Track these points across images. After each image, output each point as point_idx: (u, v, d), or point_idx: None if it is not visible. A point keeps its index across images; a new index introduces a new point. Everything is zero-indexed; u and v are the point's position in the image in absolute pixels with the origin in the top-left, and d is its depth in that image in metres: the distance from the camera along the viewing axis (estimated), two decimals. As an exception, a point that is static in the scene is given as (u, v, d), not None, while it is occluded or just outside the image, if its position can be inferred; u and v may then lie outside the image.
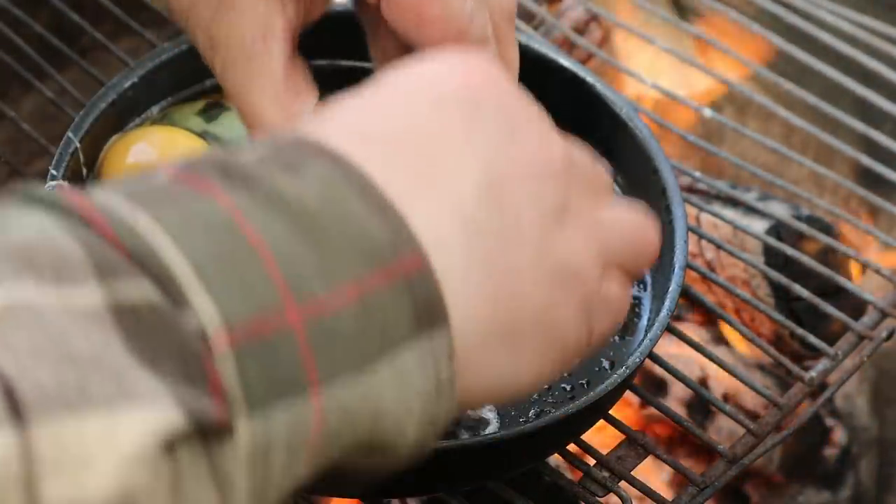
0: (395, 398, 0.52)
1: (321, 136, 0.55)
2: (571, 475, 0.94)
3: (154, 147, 0.94)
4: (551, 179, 0.60)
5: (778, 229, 1.20)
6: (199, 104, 0.97)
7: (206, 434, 0.46)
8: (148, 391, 0.45)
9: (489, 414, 0.90)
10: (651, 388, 1.27)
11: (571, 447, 0.92)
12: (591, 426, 0.92)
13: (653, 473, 1.22)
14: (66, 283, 0.46)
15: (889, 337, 1.03)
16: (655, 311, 0.94)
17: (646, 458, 0.93)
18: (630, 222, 0.65)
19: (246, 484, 0.48)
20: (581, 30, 1.31)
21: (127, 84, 0.96)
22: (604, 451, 0.92)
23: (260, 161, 0.53)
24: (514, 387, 0.59)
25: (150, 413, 0.45)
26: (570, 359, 0.61)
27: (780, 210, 1.24)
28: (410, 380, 0.53)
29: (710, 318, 1.31)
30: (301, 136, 0.55)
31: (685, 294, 0.98)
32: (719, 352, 1.30)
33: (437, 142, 0.57)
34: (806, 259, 1.08)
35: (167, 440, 0.45)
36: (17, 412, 0.43)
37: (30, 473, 0.42)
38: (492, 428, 0.89)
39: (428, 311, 0.53)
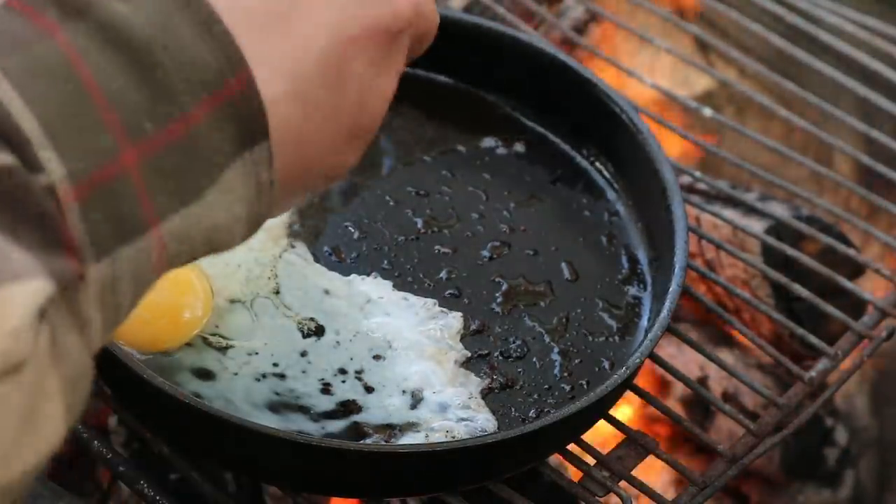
0: (224, 212, 0.58)
1: None
2: (571, 475, 0.94)
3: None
4: (394, 40, 0.65)
5: (778, 229, 1.20)
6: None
7: (66, 288, 0.50)
8: (20, 267, 0.48)
9: (488, 415, 0.90)
10: (651, 388, 1.27)
11: (571, 447, 0.92)
12: (591, 426, 0.92)
13: (653, 473, 1.22)
14: None
15: (889, 337, 1.03)
16: (655, 312, 0.94)
17: (646, 458, 0.93)
18: (431, 33, 0.71)
19: (99, 316, 0.53)
20: (581, 30, 1.31)
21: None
22: (604, 451, 0.92)
23: None
24: (329, 168, 0.65)
25: (24, 287, 0.48)
26: (373, 131, 0.67)
27: (780, 210, 1.24)
28: (235, 192, 0.58)
29: (710, 318, 1.31)
30: None
31: (685, 294, 0.98)
32: (719, 352, 1.30)
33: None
34: (806, 259, 1.08)
35: (41, 308, 0.49)
36: None
37: None
38: (491, 428, 0.89)
39: (250, 130, 0.58)
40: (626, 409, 1.25)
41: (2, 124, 0.50)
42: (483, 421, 0.89)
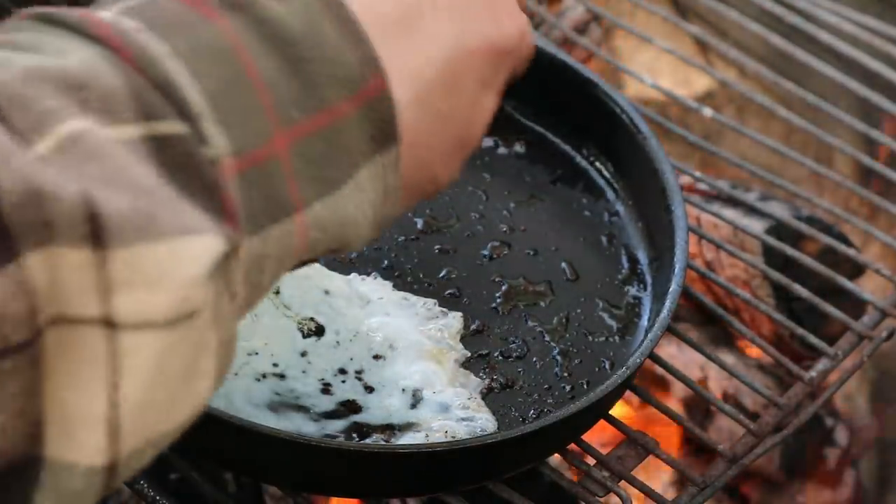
0: (355, 209, 0.61)
1: None
2: (571, 475, 0.94)
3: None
4: (502, 61, 0.70)
5: (778, 229, 1.20)
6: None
7: (227, 255, 0.53)
8: (197, 223, 0.51)
9: (488, 416, 0.90)
10: (651, 388, 1.27)
11: (571, 447, 0.92)
12: (591, 426, 0.92)
13: (653, 473, 1.22)
14: (114, 118, 0.51)
15: (889, 337, 1.03)
16: (656, 312, 0.94)
17: (646, 458, 0.93)
18: (528, 59, 0.75)
19: (244, 292, 0.56)
20: (581, 30, 1.31)
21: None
22: (604, 451, 0.92)
23: None
24: (439, 178, 0.69)
25: (202, 241, 0.51)
26: (475, 147, 0.72)
27: (780, 210, 1.24)
28: (366, 192, 0.62)
29: (710, 318, 1.31)
30: None
31: (685, 294, 0.98)
32: (719, 352, 1.30)
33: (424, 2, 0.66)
34: (806, 259, 1.08)
35: (214, 263, 0.52)
36: (99, 235, 0.48)
37: (106, 287, 0.49)
38: (491, 428, 0.89)
39: (383, 131, 0.61)
40: (626, 409, 1.25)
41: (173, 96, 0.54)
42: (483, 421, 0.89)
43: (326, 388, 0.89)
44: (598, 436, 0.96)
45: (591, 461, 0.92)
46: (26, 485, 0.50)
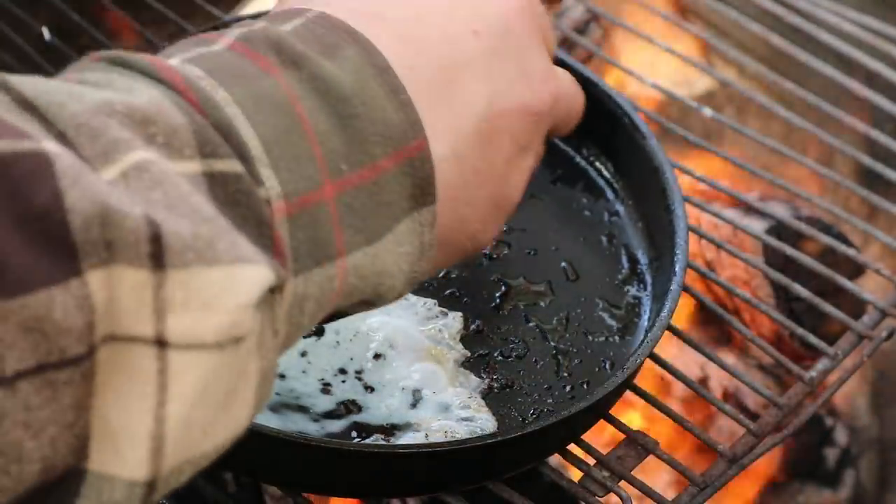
0: (393, 261, 0.64)
1: (354, 20, 0.65)
2: (571, 475, 0.94)
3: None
4: (536, 122, 0.73)
5: (778, 229, 1.20)
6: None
7: (273, 290, 0.56)
8: (249, 253, 0.54)
9: (488, 416, 0.90)
10: (651, 388, 1.27)
11: (571, 447, 0.92)
12: (592, 426, 0.92)
13: (653, 473, 1.22)
14: (177, 154, 0.54)
15: (889, 337, 1.03)
16: (655, 312, 0.94)
17: (646, 458, 0.93)
18: (574, 116, 0.79)
19: (284, 331, 0.58)
20: (581, 29, 1.31)
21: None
22: (604, 451, 0.92)
23: (300, 38, 0.63)
24: (476, 240, 0.72)
25: (255, 271, 0.53)
26: (513, 212, 0.75)
27: (780, 210, 1.24)
28: (404, 246, 0.65)
29: (710, 318, 1.31)
30: (331, 17, 0.65)
31: (685, 294, 0.98)
32: (719, 352, 1.30)
33: (462, 62, 0.69)
34: (806, 259, 1.08)
35: (262, 294, 0.54)
36: (159, 256, 0.50)
37: (162, 307, 0.51)
38: (491, 428, 0.89)
39: (422, 189, 0.65)
40: (626, 409, 1.25)
41: (232, 138, 0.57)
42: (483, 421, 0.89)
43: (326, 388, 0.89)
44: (598, 436, 0.96)
45: (591, 461, 0.92)
46: (67, 497, 0.51)
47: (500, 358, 0.94)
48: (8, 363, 0.47)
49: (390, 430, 0.88)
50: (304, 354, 0.91)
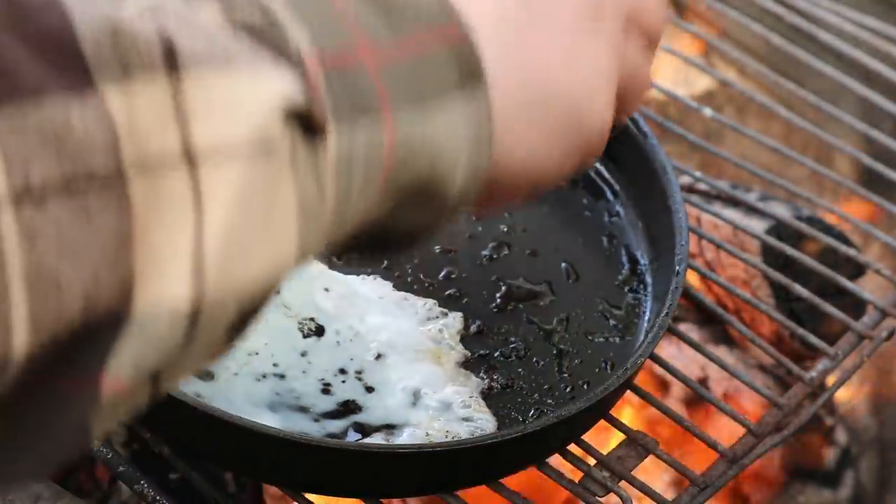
0: (448, 140, 0.59)
1: None
2: (571, 475, 0.94)
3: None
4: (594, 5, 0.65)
5: (778, 229, 1.20)
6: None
7: (310, 130, 0.53)
8: (277, 68, 0.51)
9: (488, 416, 0.90)
10: (651, 388, 1.27)
11: (571, 447, 0.92)
12: (592, 426, 0.92)
13: (653, 473, 1.22)
14: (198, 3, 0.52)
15: (889, 337, 1.03)
16: (655, 312, 0.94)
17: (646, 458, 0.93)
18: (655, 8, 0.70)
19: (332, 191, 0.54)
20: (581, 30, 1.31)
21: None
22: (604, 451, 0.92)
23: None
24: (542, 167, 0.65)
25: (281, 82, 0.51)
26: (595, 146, 0.67)
27: (780, 210, 1.24)
28: (458, 128, 0.59)
29: (710, 318, 1.31)
30: None
31: (685, 294, 0.98)
32: (719, 352, 1.30)
33: None
34: (806, 259, 1.08)
35: (292, 107, 0.51)
36: (175, 66, 0.49)
37: (183, 114, 0.49)
38: (491, 428, 0.89)
39: (470, 72, 0.59)
40: (626, 409, 1.25)
41: (259, 3, 0.54)
42: (483, 421, 0.89)
43: (326, 388, 0.89)
44: (598, 436, 0.96)
45: (591, 461, 0.92)
46: (111, 336, 0.49)
47: (500, 358, 0.94)
48: (33, 173, 0.46)
49: (390, 430, 0.88)
50: (304, 354, 0.91)
